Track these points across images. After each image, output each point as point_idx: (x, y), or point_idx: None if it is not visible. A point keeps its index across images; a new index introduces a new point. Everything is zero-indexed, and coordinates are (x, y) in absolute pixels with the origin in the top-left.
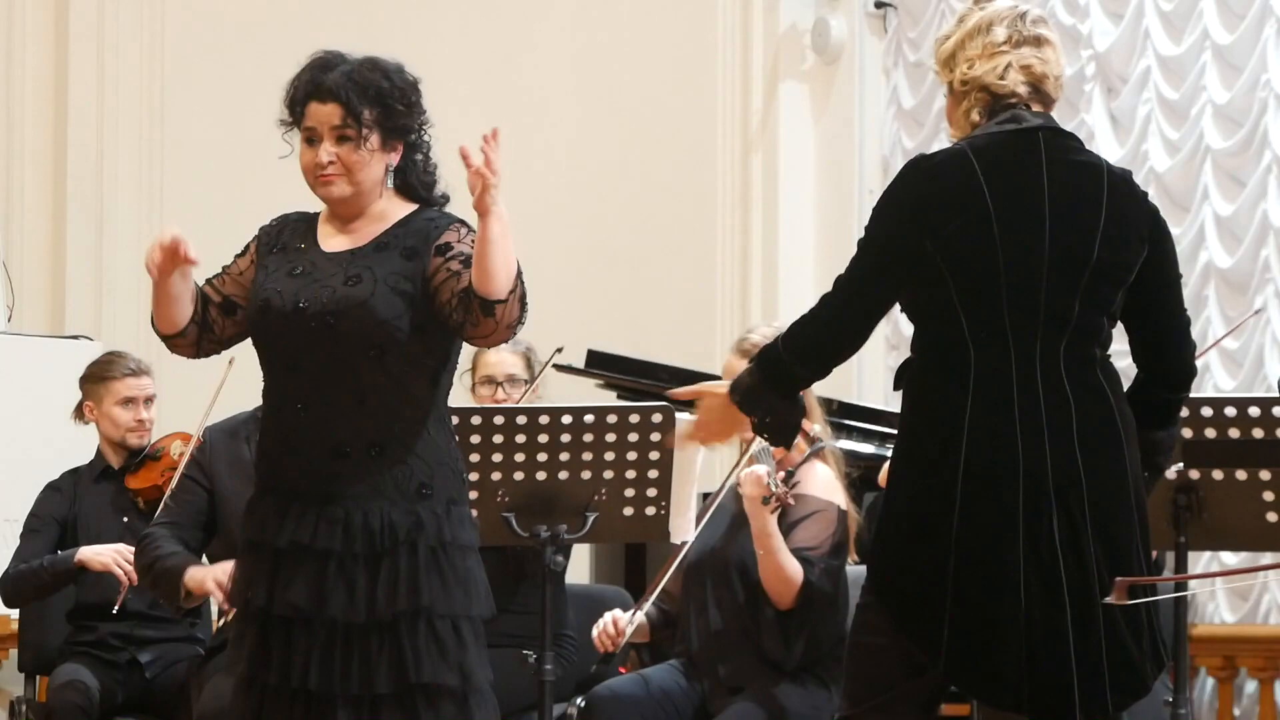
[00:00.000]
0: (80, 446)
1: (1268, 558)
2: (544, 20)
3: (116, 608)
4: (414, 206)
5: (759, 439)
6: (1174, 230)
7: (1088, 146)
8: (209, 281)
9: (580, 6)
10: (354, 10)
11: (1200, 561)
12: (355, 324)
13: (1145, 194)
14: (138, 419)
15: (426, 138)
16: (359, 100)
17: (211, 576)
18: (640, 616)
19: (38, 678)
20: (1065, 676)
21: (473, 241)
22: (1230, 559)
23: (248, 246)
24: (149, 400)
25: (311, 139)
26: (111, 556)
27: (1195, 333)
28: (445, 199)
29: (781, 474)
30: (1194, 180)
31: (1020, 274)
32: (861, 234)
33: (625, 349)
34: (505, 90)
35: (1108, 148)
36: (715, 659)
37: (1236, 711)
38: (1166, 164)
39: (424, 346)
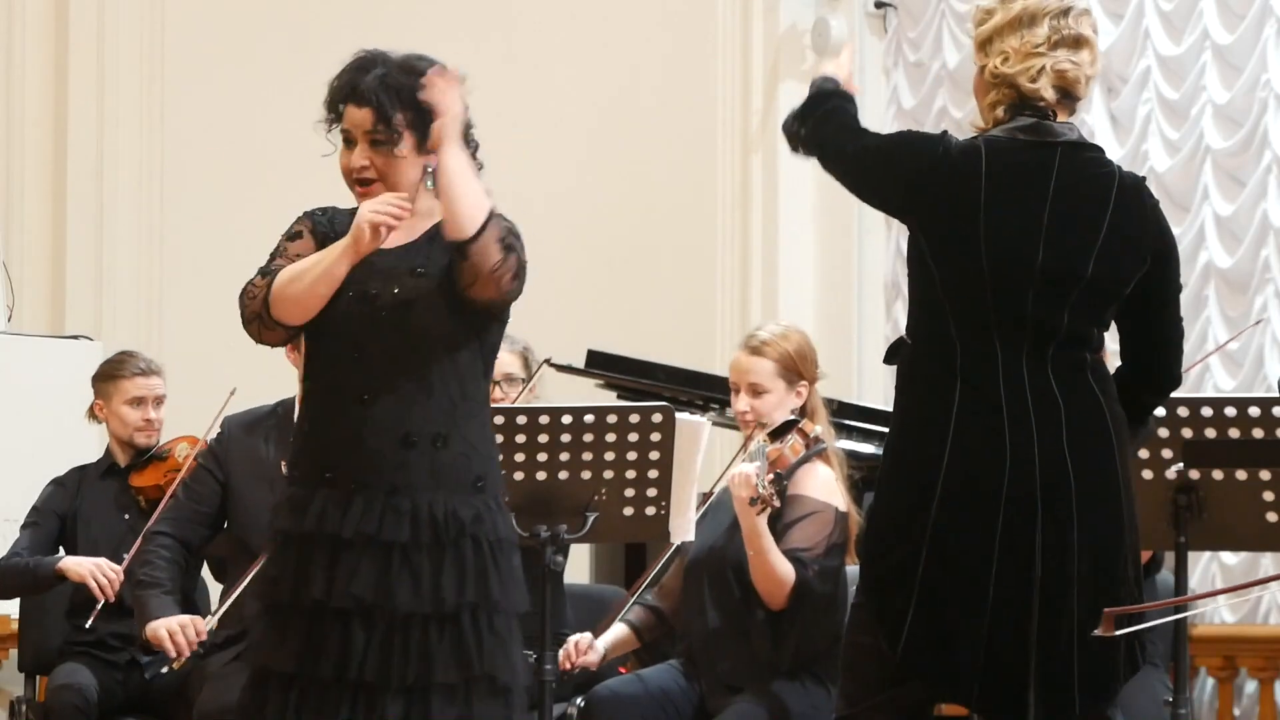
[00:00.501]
0: (81, 446)
1: (1268, 558)
2: (543, 20)
3: (89, 623)
4: None
5: (757, 438)
6: (1174, 230)
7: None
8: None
9: (580, 7)
10: (354, 11)
11: (1200, 561)
12: (428, 313)
13: (1155, 204)
14: (146, 418)
15: (470, 137)
16: (391, 105)
17: (165, 628)
18: (620, 630)
19: (37, 678)
20: (1023, 679)
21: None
22: (1230, 559)
23: (299, 231)
24: (158, 401)
25: (349, 141)
26: (90, 569)
27: (1195, 332)
28: (487, 192)
29: (771, 475)
30: (1194, 180)
31: (1006, 284)
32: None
33: (625, 349)
34: (505, 90)
35: (1108, 148)
36: (714, 657)
37: (1236, 711)
38: (1166, 164)
39: (486, 335)
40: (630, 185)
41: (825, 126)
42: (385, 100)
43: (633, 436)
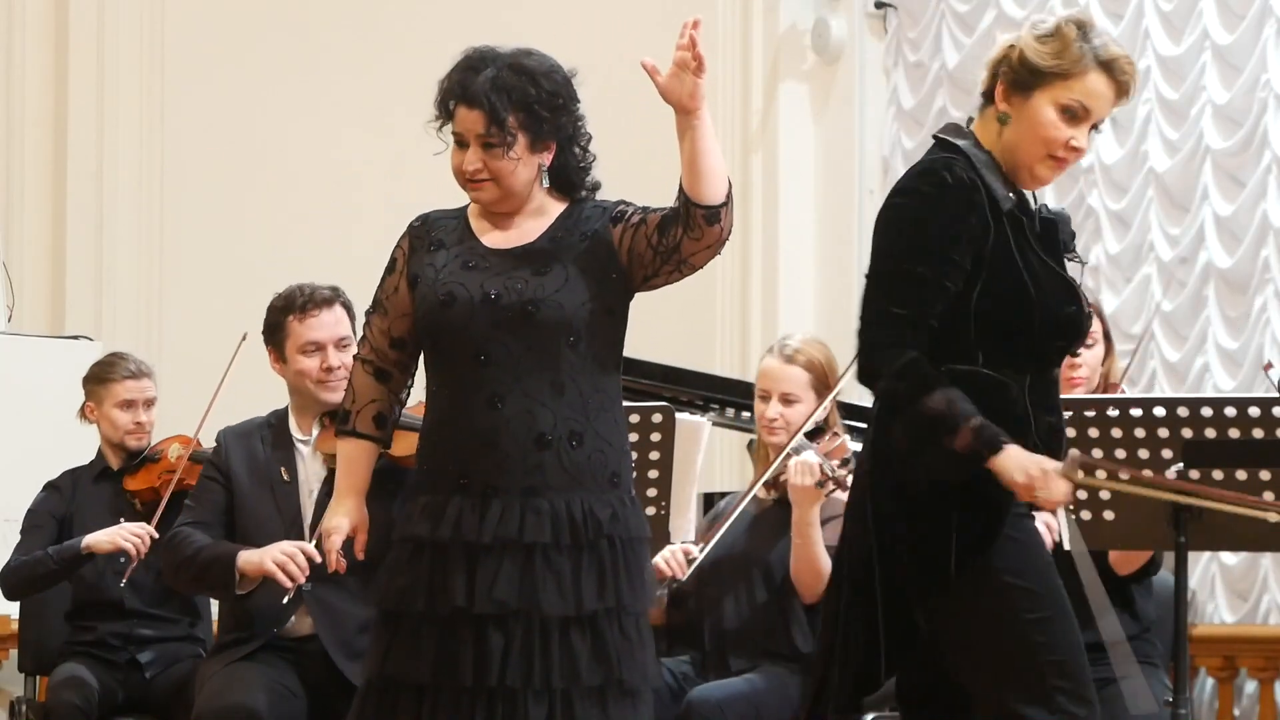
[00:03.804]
0: (80, 447)
1: (1267, 558)
2: (542, 19)
3: (125, 579)
4: (567, 202)
5: (798, 436)
6: (1173, 230)
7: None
8: (374, 350)
9: (578, 5)
10: (354, 11)
11: (1200, 561)
12: (555, 310)
13: (903, 185)
14: (136, 421)
15: (583, 130)
16: (503, 108)
17: (270, 558)
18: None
19: (37, 678)
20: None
21: (637, 206)
22: (1230, 559)
23: (394, 261)
24: (148, 403)
25: (461, 142)
26: (118, 533)
27: (1195, 332)
28: (597, 185)
29: (836, 460)
30: (1194, 180)
31: None
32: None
33: (625, 349)
34: None
35: (1107, 148)
36: (727, 653)
37: (1236, 712)
38: (1166, 164)
39: (613, 330)
40: (629, 185)
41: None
42: (497, 103)
43: (633, 436)
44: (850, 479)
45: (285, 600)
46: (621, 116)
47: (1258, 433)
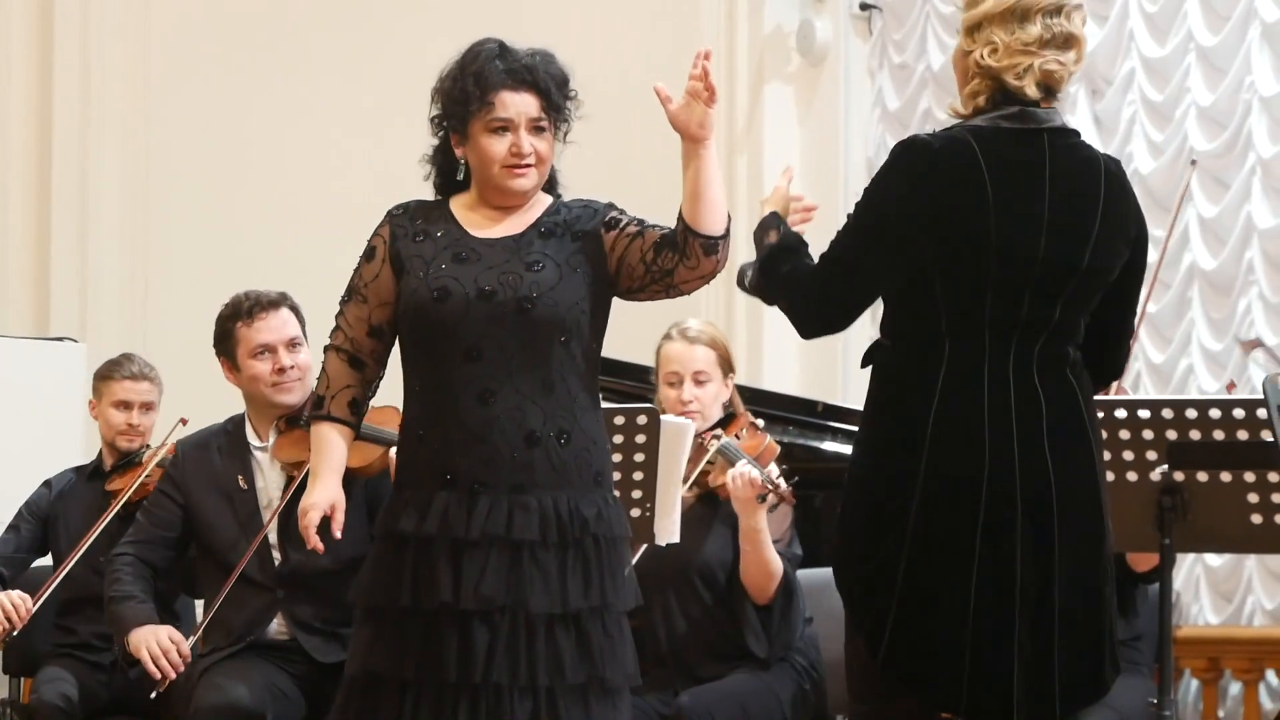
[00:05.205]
0: (66, 448)
1: (1252, 560)
2: (529, 22)
3: None
4: (549, 197)
5: (718, 440)
6: (1157, 232)
7: None
8: (350, 339)
9: (563, 6)
10: (341, 15)
11: (1185, 563)
12: (550, 308)
13: (1131, 189)
14: (129, 423)
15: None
16: (557, 91)
17: (147, 645)
18: None
19: (21, 679)
20: (1007, 681)
21: (631, 215)
22: (1214, 561)
23: (373, 249)
24: (145, 406)
25: (503, 129)
26: None
27: (1179, 334)
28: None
29: (773, 470)
30: (1178, 182)
31: (1008, 275)
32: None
33: (609, 350)
34: None
35: None
36: (691, 660)
37: (1221, 713)
38: (1150, 166)
39: (597, 331)
40: (614, 186)
41: (794, 294)
42: (551, 85)
43: (618, 438)
44: (790, 489)
45: (153, 695)
46: (618, 118)
47: (1242, 434)
